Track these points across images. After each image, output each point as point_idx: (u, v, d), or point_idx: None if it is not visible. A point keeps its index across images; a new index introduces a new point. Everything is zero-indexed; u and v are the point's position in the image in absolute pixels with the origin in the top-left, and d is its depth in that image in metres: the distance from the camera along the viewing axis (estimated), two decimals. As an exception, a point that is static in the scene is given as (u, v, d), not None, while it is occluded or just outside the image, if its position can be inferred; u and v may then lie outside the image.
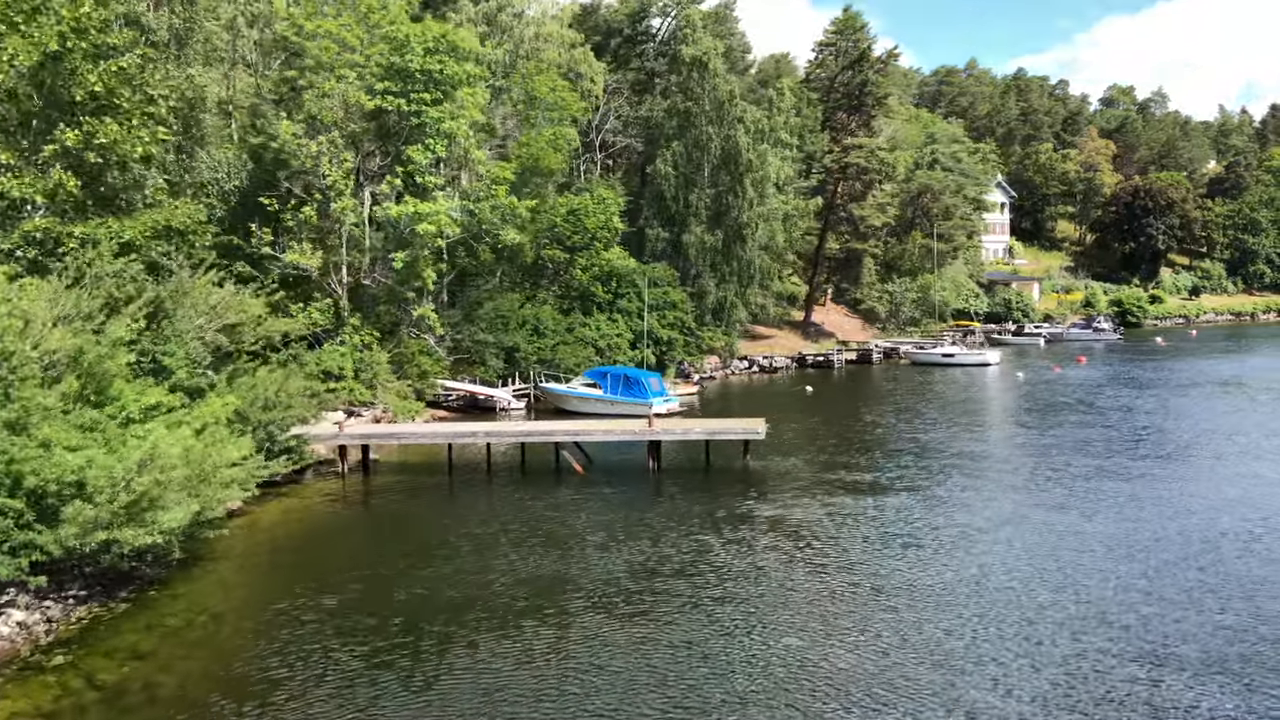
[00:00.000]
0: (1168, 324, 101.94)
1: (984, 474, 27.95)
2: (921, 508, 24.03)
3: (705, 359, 58.00)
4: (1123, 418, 38.06)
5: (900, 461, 30.00)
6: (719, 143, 56.38)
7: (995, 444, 33.05)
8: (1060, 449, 31.54)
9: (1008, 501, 24.51)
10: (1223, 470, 27.53)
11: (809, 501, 24.81)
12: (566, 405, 42.04)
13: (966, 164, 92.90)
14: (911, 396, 48.72)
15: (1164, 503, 24.03)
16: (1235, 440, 32.44)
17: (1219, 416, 38.12)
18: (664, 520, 23.31)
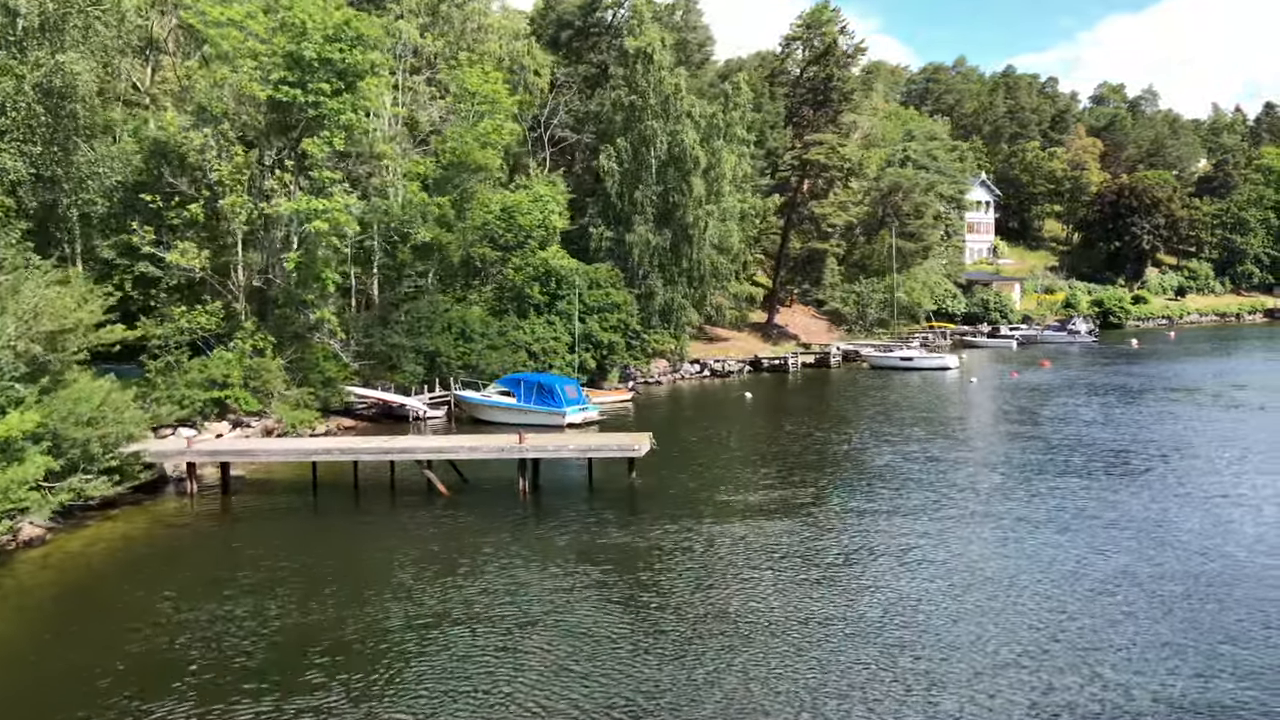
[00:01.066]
0: (1150, 325, 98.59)
1: (879, 493, 25.07)
2: (801, 532, 21.19)
3: (652, 363, 55.22)
4: (1055, 429, 35.07)
5: (798, 478, 27.14)
6: (665, 138, 53.51)
7: (909, 458, 30.14)
8: (979, 464, 28.63)
9: (894, 524, 21.68)
10: (1145, 488, 24.62)
11: (671, 527, 21.95)
12: (481, 414, 39.30)
13: (943, 161, 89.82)
14: (852, 403, 45.84)
15: (1079, 526, 21.17)
16: (1162, 455, 29.49)
17: (1156, 426, 35.11)
18: (501, 551, 20.52)
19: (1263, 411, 38.70)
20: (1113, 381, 50.08)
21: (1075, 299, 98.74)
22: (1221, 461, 28.78)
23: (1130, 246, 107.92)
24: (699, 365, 57.87)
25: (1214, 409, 39.55)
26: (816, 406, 45.86)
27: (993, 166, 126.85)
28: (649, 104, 53.05)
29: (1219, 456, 29.56)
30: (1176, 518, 22.21)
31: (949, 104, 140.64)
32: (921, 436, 34.55)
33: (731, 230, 60.27)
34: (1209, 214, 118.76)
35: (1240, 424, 35.77)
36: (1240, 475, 26.87)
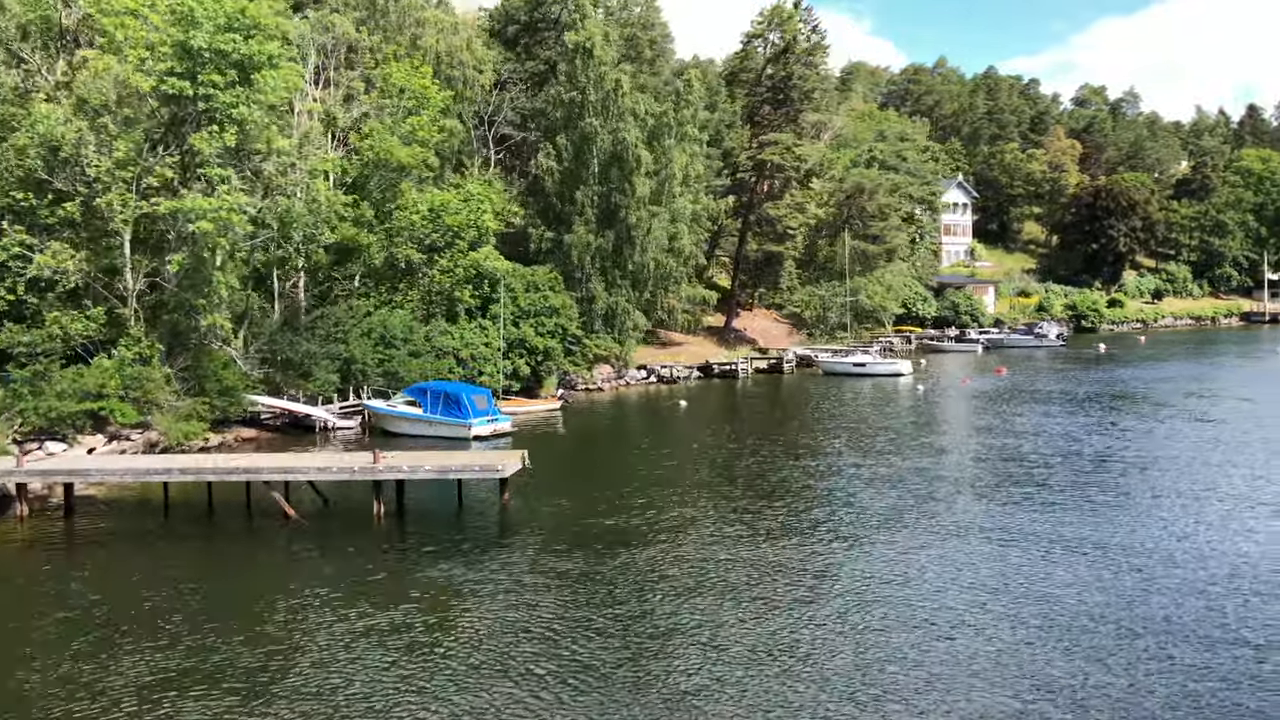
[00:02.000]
0: (1124, 328, 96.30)
1: (762, 513, 22.69)
2: (658, 561, 18.76)
3: (595, 369, 52.81)
4: (981, 440, 32.66)
5: (680, 498, 24.66)
6: (606, 137, 51.12)
7: (811, 474, 27.71)
8: (883, 480, 26.13)
9: (766, 548, 19.25)
10: (1048, 505, 22.22)
11: (517, 560, 19.45)
12: (388, 425, 36.88)
13: (912, 162, 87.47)
14: (787, 412, 43.49)
15: (969, 543, 18.75)
16: (1078, 470, 27.08)
17: (1084, 438, 32.61)
18: (317, 586, 18.09)
19: (1199, 422, 36.26)
20: (1063, 389, 47.67)
21: (1049, 302, 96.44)
22: (1140, 475, 26.44)
23: (1107, 249, 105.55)
24: (646, 371, 55.46)
25: (1153, 419, 37.10)
26: (750, 415, 43.49)
27: (971, 168, 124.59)
28: (589, 101, 50.66)
29: (1139, 470, 27.21)
30: (1079, 534, 19.86)
31: (929, 105, 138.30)
32: (837, 449, 32.15)
33: (682, 232, 57.90)
34: (1187, 216, 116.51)
35: (1173, 435, 33.35)
36: (1157, 488, 24.57)
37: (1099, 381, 50.26)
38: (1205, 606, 16.42)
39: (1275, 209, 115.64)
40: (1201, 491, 24.88)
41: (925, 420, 39.05)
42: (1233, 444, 31.44)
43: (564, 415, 42.50)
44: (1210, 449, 30.73)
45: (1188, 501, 23.88)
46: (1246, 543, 20.13)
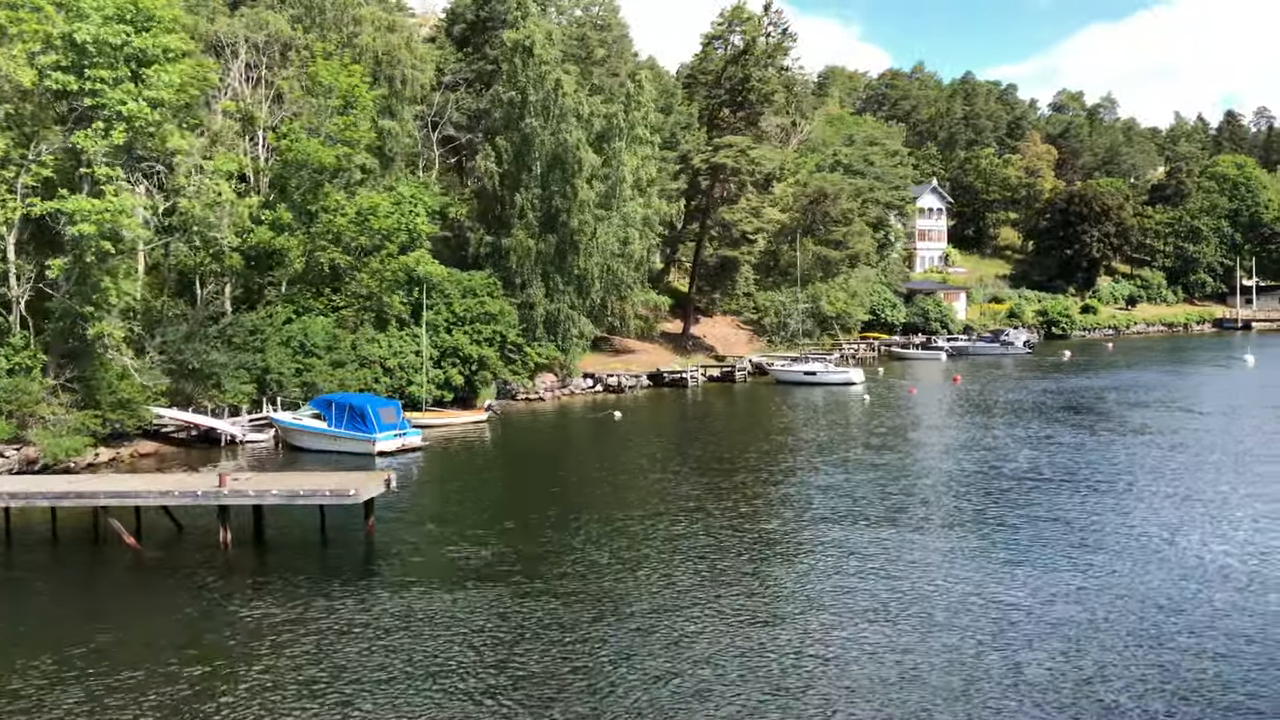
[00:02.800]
0: (1096, 335, 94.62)
1: (649, 540, 20.67)
2: (496, 604, 16.64)
3: (537, 378, 50.78)
4: (908, 455, 30.67)
5: (575, 525, 22.64)
6: (547, 138, 49.14)
7: (719, 494, 25.72)
8: (784, 503, 24.15)
9: (641, 585, 17.18)
10: (962, 536, 20.22)
11: (352, 597, 17.43)
12: (294, 440, 34.76)
13: (881, 167, 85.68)
14: (723, 424, 41.52)
15: (849, 575, 16.73)
16: (1005, 491, 25.11)
17: (1021, 451, 30.66)
18: (131, 628, 16.03)
19: (1133, 435, 34.25)
20: (1012, 398, 45.71)
21: (1020, 309, 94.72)
22: (1051, 494, 24.47)
23: (1081, 255, 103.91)
24: (592, 380, 53.41)
25: (1088, 433, 34.99)
26: (684, 427, 41.45)
27: (947, 173, 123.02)
28: (529, 101, 48.68)
29: (1054, 488, 25.25)
30: (966, 561, 17.88)
31: (906, 110, 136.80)
32: (751, 464, 30.13)
33: (633, 236, 55.99)
34: (1161, 222, 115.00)
35: (1101, 450, 31.29)
36: (1064, 511, 22.61)
37: (1051, 391, 48.37)
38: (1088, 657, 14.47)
39: (1250, 215, 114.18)
40: (1104, 514, 22.94)
41: (856, 434, 37.03)
42: (1154, 462, 29.49)
43: (491, 428, 40.42)
44: (1131, 467, 28.73)
45: (1085, 524, 21.92)
46: (1143, 574, 18.20)
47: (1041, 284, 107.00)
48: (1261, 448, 31.21)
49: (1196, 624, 15.67)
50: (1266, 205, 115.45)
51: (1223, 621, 15.72)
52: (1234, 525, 21.78)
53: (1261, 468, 27.95)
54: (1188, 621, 15.76)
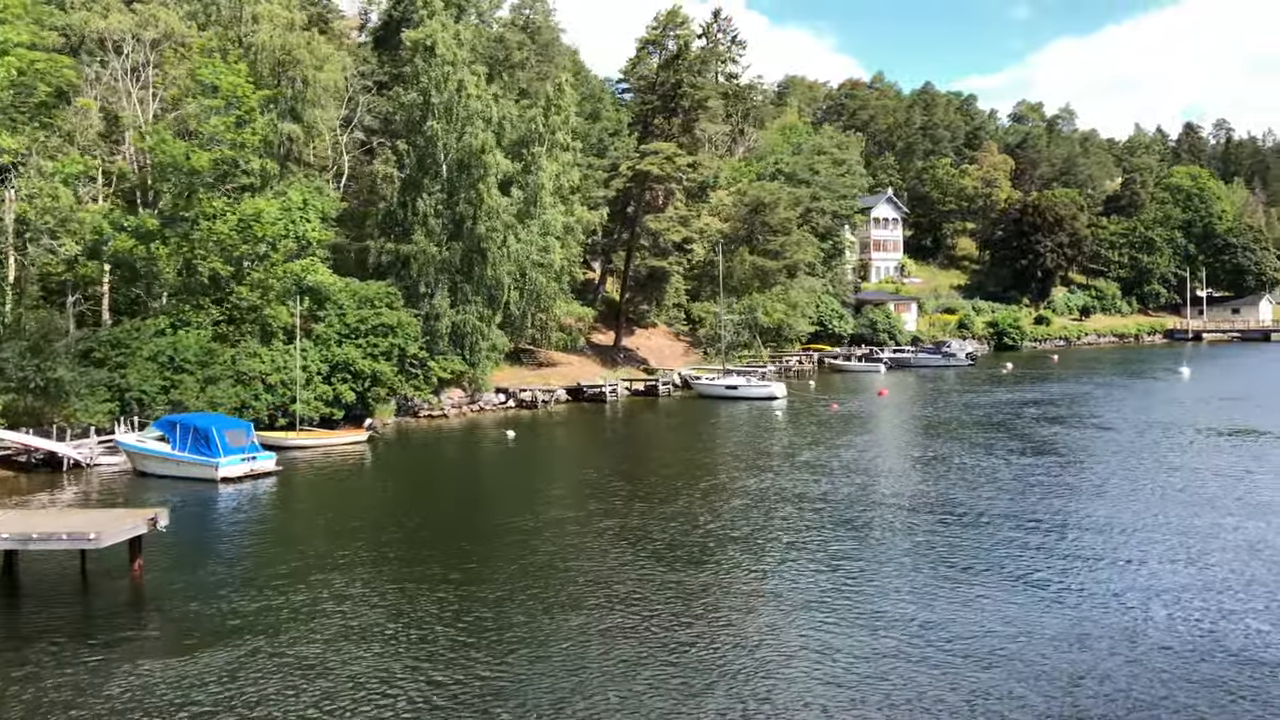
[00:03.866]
0: (1047, 346, 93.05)
1: (469, 585, 18.05)
2: (305, 659, 13.95)
3: (443, 393, 48.04)
4: (783, 478, 28.14)
5: (377, 571, 19.98)
6: (450, 141, 46.56)
7: (562, 526, 23.18)
8: (637, 537, 21.60)
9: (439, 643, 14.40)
10: (802, 572, 17.71)
11: (88, 661, 14.72)
12: (140, 464, 31.81)
13: (826, 176, 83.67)
14: (620, 443, 38.97)
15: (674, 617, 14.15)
16: (871, 518, 22.71)
17: (910, 473, 28.26)
18: None
19: (1035, 456, 31.76)
20: (930, 414, 43.37)
21: (970, 319, 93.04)
22: (925, 522, 22.11)
23: (1035, 265, 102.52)
24: (505, 395, 50.74)
25: (986, 452, 32.51)
26: (578, 448, 38.78)
27: (905, 183, 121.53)
28: (431, 103, 46.11)
29: (928, 514, 22.88)
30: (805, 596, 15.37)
31: (864, 120, 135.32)
32: (615, 489, 27.52)
33: (552, 245, 53.50)
34: (1116, 233, 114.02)
35: (993, 471, 28.92)
36: (922, 538, 20.21)
37: (974, 406, 46.18)
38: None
39: (1203, 226, 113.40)
40: (948, 546, 20.55)
41: (744, 454, 34.57)
42: (1037, 485, 27.14)
43: (373, 449, 37.63)
44: (1004, 492, 26.35)
45: (912, 559, 19.52)
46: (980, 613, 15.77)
47: (996, 294, 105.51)
48: (1151, 473, 29.02)
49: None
50: (1220, 216, 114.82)
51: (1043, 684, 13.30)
52: (1089, 562, 19.47)
53: (1135, 502, 25.70)
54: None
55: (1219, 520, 22.81)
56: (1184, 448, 33.28)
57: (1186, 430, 37.32)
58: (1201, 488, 26.52)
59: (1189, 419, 40.61)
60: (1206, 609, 16.61)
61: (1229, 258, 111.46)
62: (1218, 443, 34.53)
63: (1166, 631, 15.60)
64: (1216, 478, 27.83)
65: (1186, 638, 15.32)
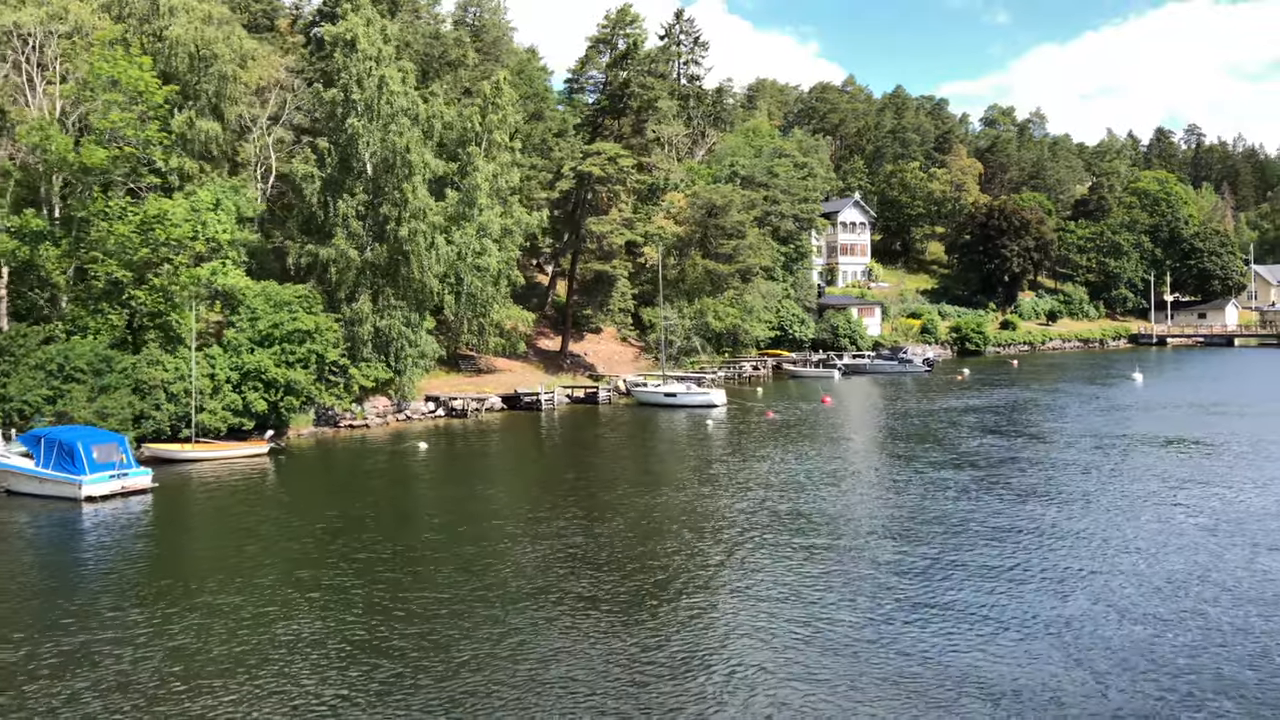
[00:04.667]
0: (1011, 351, 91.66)
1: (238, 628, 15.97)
2: None
3: (367, 401, 45.93)
4: (680, 494, 26.34)
5: (181, 616, 17.99)
6: (374, 140, 44.48)
7: (434, 548, 21.21)
8: (493, 562, 19.62)
9: None
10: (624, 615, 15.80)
11: None
12: (9, 483, 29.53)
13: (785, 179, 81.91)
14: (537, 456, 36.89)
15: None
16: (756, 538, 20.85)
17: (818, 490, 26.38)
18: None
19: (953, 471, 29.79)
20: (865, 423, 41.38)
21: (933, 324, 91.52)
22: (814, 543, 20.25)
23: (1002, 269, 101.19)
24: (435, 403, 48.65)
25: (907, 464, 30.87)
26: (485, 462, 36.57)
27: (874, 187, 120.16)
28: (352, 99, 44.03)
29: (818, 536, 21.04)
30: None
31: (834, 123, 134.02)
32: (492, 511, 25.47)
33: (488, 248, 51.52)
34: (1083, 237, 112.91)
35: (902, 489, 27.03)
36: (797, 564, 18.35)
37: (913, 414, 44.35)
38: None
39: (1170, 230, 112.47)
40: (813, 573, 18.70)
41: (660, 467, 32.69)
42: (932, 507, 25.33)
43: (274, 461, 35.45)
44: (903, 514, 24.56)
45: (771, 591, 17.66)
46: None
47: (963, 299, 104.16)
48: (1062, 487, 27.28)
49: None
50: (1186, 221, 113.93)
51: None
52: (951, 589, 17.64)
53: (1034, 517, 23.94)
54: None
55: (1116, 555, 21.05)
56: (1106, 461, 31.53)
57: (1118, 441, 35.62)
58: (1110, 506, 24.78)
59: (1126, 428, 38.96)
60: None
61: (1195, 262, 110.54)
62: (1145, 454, 32.89)
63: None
64: (1125, 497, 26.12)
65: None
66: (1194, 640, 15.33)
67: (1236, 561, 19.62)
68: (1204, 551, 20.38)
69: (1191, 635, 15.54)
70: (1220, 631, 15.67)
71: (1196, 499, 25.63)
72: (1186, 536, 21.71)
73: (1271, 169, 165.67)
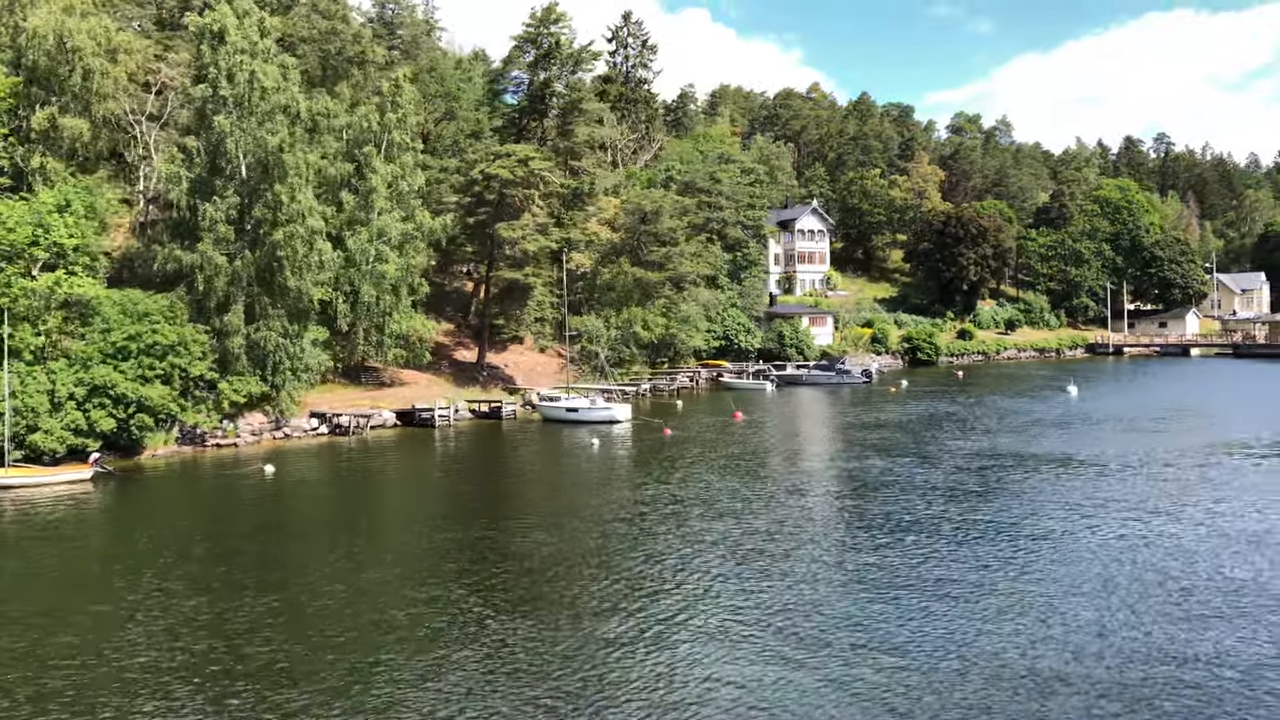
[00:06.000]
0: (964, 360, 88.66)
1: None
2: None
3: (241, 418, 42.46)
4: (498, 531, 23.20)
5: None
6: (246, 139, 41.12)
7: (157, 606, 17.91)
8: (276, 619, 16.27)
9: None
10: None
11: None
12: None
13: (728, 185, 78.78)
14: (393, 482, 33.66)
15: None
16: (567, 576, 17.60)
17: (652, 522, 23.34)
18: None
19: (802, 497, 26.89)
20: (758, 442, 37.88)
21: (884, 334, 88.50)
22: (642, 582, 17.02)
23: (960, 277, 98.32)
24: (320, 419, 45.21)
25: (755, 478, 27.85)
26: (338, 488, 33.16)
27: (836, 194, 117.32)
28: (220, 95, 40.70)
29: (616, 576, 17.83)
30: None
31: (796, 130, 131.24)
32: (306, 551, 22.23)
33: (385, 254, 48.26)
34: (1045, 245, 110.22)
35: (753, 516, 24.08)
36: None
37: (816, 432, 41.25)
38: None
39: (1131, 239, 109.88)
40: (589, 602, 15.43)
41: (517, 498, 29.49)
42: (795, 525, 22.24)
43: (99, 487, 31.94)
44: (761, 540, 21.43)
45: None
46: None
47: (922, 307, 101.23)
48: (912, 515, 24.11)
49: None
50: (1147, 229, 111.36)
51: None
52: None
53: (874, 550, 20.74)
54: None
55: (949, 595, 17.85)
56: (977, 487, 28.36)
57: (1007, 461, 32.50)
58: (961, 540, 21.60)
59: (1028, 447, 35.83)
60: None
61: (1155, 270, 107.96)
62: (1025, 476, 29.82)
63: None
64: (966, 526, 22.97)
65: None
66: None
67: (1046, 596, 16.43)
68: (1015, 594, 17.21)
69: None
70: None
71: (1044, 530, 22.55)
72: (1006, 572, 18.53)
73: (1239, 177, 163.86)
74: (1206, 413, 46.05)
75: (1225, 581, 18.52)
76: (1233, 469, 30.66)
